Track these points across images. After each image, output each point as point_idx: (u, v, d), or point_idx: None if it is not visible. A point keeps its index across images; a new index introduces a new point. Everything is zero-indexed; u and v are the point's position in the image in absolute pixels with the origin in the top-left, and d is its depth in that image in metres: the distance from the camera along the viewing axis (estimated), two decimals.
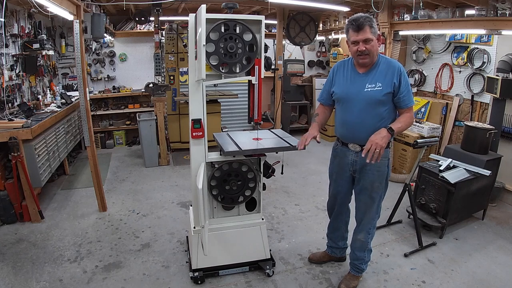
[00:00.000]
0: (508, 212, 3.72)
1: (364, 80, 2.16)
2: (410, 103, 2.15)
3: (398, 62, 2.17)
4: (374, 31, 2.06)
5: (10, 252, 2.91)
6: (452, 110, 4.57)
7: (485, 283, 2.59)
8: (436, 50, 4.79)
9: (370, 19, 2.06)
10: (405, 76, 2.12)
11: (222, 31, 2.16)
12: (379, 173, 2.26)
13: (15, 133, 3.13)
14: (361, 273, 2.54)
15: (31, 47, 4.07)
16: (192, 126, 2.31)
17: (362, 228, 2.42)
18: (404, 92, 2.11)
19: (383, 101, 2.12)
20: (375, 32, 2.07)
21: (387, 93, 2.11)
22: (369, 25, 2.04)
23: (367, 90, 2.13)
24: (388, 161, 2.27)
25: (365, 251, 2.46)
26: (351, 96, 2.20)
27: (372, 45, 2.06)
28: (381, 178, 2.28)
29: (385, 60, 2.17)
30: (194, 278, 2.51)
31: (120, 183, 4.46)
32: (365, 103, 2.14)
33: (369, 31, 2.04)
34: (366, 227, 2.40)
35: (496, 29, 3.22)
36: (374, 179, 2.27)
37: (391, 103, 2.16)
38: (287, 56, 6.92)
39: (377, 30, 2.08)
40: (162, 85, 5.06)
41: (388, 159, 2.27)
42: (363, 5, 4.73)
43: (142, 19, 5.55)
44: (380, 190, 2.31)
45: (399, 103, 2.14)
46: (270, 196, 4.05)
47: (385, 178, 2.30)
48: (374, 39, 2.06)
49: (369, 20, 2.05)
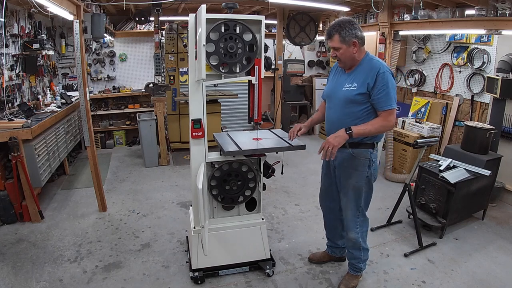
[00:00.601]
0: (508, 212, 3.72)
1: (346, 79, 2.22)
2: (385, 106, 2.09)
3: (385, 65, 2.14)
4: (344, 39, 2.08)
5: (10, 252, 2.91)
6: (452, 110, 4.57)
7: (485, 283, 2.59)
8: (436, 50, 4.79)
9: (340, 27, 2.08)
10: (384, 79, 2.07)
11: (222, 31, 2.16)
12: (357, 173, 2.26)
13: (15, 133, 3.13)
14: (359, 272, 2.54)
15: (31, 47, 4.07)
16: (192, 126, 2.31)
17: (347, 227, 2.44)
18: (379, 94, 2.08)
19: (356, 101, 2.15)
20: (345, 40, 2.08)
21: (360, 94, 2.12)
22: (338, 33, 2.09)
23: (344, 90, 2.20)
24: (369, 162, 2.24)
25: (360, 250, 2.45)
26: (332, 95, 2.31)
27: (341, 52, 2.13)
28: (358, 178, 2.26)
29: (369, 61, 2.16)
30: (194, 278, 2.51)
31: (120, 183, 4.46)
32: (342, 101, 2.21)
33: (337, 40, 2.10)
34: (351, 226, 2.39)
35: (496, 29, 3.22)
36: (350, 178, 2.29)
37: (369, 104, 2.15)
38: (287, 56, 6.91)
39: (350, 37, 2.08)
40: (162, 85, 5.06)
41: (369, 159, 2.23)
42: (363, 5, 4.73)
43: (142, 19, 5.55)
44: (358, 190, 2.29)
45: (374, 105, 2.13)
46: (270, 196, 4.05)
47: (365, 178, 2.27)
48: (343, 47, 2.11)
49: (338, 29, 2.08)
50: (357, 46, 2.11)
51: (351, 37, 2.08)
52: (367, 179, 2.28)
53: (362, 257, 2.48)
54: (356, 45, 2.10)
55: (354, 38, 2.09)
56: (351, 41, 2.09)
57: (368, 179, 2.28)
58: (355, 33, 2.09)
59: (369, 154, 2.23)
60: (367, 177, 2.27)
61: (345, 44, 2.10)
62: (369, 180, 2.29)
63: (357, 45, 2.10)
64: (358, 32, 2.10)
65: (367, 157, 2.23)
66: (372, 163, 2.26)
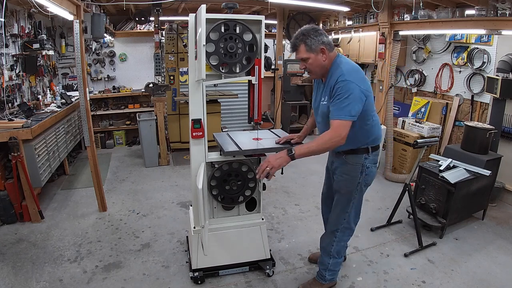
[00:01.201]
0: (508, 212, 3.72)
1: (322, 92, 2.14)
2: (336, 116, 1.91)
3: (349, 71, 1.96)
4: (311, 48, 1.98)
5: (10, 252, 2.91)
6: (452, 110, 4.57)
7: (485, 283, 2.59)
8: (436, 50, 4.79)
9: (304, 36, 1.97)
10: (340, 87, 1.92)
11: (222, 31, 2.16)
12: (348, 177, 2.20)
13: (15, 133, 3.13)
14: (324, 281, 2.43)
15: (31, 47, 4.07)
16: (192, 126, 2.31)
17: (328, 227, 2.40)
18: (333, 103, 1.95)
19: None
20: (312, 48, 1.98)
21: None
22: (303, 43, 1.99)
23: (321, 104, 2.13)
24: (362, 168, 2.16)
25: (330, 257, 2.36)
26: (315, 109, 2.25)
27: (310, 62, 2.03)
28: (349, 183, 2.20)
29: (336, 68, 2.02)
30: (194, 278, 2.51)
31: (120, 183, 4.46)
32: (323, 115, 2.12)
33: (304, 49, 2.00)
34: (332, 228, 2.34)
35: (496, 29, 3.22)
36: (341, 182, 2.24)
37: None
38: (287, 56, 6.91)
39: (317, 44, 1.97)
40: (162, 85, 5.06)
41: (362, 165, 2.15)
42: (363, 5, 4.73)
43: (142, 19, 5.55)
44: (347, 196, 2.23)
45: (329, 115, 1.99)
46: (270, 196, 4.05)
47: (356, 184, 2.19)
48: (311, 56, 2.00)
49: (303, 38, 1.98)
50: (326, 52, 2.00)
51: (318, 44, 1.98)
52: (358, 185, 2.20)
53: (329, 265, 2.37)
54: (325, 51, 1.99)
55: (321, 45, 1.98)
56: (318, 48, 1.98)
57: (359, 185, 2.20)
58: (322, 39, 1.98)
59: (363, 160, 2.15)
60: (359, 183, 2.19)
61: (312, 52, 1.99)
62: (359, 187, 2.21)
63: (325, 51, 1.99)
64: (324, 38, 1.99)
65: (359, 163, 2.15)
66: (366, 169, 2.17)
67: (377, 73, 4.66)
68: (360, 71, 2.04)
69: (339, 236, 2.33)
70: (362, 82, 1.97)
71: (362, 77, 2.00)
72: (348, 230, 2.34)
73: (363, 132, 2.12)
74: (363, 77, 2.01)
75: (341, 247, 2.37)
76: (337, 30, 6.00)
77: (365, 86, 1.99)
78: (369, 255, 2.93)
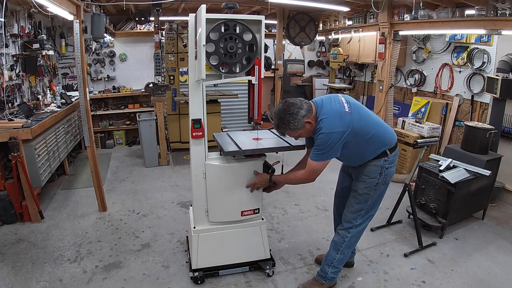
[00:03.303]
0: (508, 212, 3.72)
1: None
2: (314, 157, 2.09)
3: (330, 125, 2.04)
4: (297, 127, 2.07)
5: (10, 252, 2.91)
6: (452, 110, 4.57)
7: (485, 283, 2.59)
8: (436, 50, 4.79)
9: (287, 123, 2.06)
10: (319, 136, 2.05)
11: (222, 31, 2.16)
12: (368, 178, 2.24)
13: (15, 133, 3.13)
14: (325, 280, 2.45)
15: (31, 47, 4.07)
16: (192, 126, 2.31)
17: (342, 223, 2.43)
18: (314, 147, 2.11)
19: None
20: (298, 127, 2.07)
21: None
22: (288, 129, 2.10)
23: None
24: (381, 169, 2.22)
25: (337, 251, 2.39)
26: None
27: (301, 134, 2.16)
28: (368, 185, 2.25)
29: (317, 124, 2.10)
30: (194, 278, 2.51)
31: (120, 183, 4.46)
32: None
33: (292, 132, 2.13)
34: (346, 224, 2.38)
35: (496, 29, 3.22)
36: (360, 184, 2.29)
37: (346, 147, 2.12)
38: (287, 56, 6.91)
39: (300, 122, 2.05)
40: (162, 85, 5.06)
41: (381, 167, 2.22)
42: (363, 5, 4.73)
43: (142, 19, 5.55)
44: (365, 196, 2.28)
45: None
46: (270, 196, 4.03)
47: (375, 185, 2.25)
48: (301, 132, 2.13)
49: (285, 126, 2.08)
50: (311, 120, 2.08)
51: (301, 122, 2.06)
52: (377, 185, 2.26)
53: (334, 261, 2.40)
54: (310, 121, 2.08)
55: (304, 119, 2.06)
56: (303, 124, 2.07)
57: (378, 185, 2.26)
58: (301, 115, 2.05)
59: (382, 163, 2.21)
60: (378, 183, 2.25)
61: (300, 129, 2.10)
62: (378, 187, 2.27)
63: (310, 120, 2.08)
64: (302, 112, 2.05)
65: (378, 165, 2.21)
66: (385, 170, 2.23)
67: (377, 73, 4.66)
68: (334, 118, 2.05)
69: (353, 232, 2.37)
70: (342, 125, 2.04)
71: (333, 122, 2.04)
72: (361, 226, 2.38)
73: (372, 144, 2.17)
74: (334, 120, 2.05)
75: (352, 243, 2.41)
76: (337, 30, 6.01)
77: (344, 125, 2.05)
78: (369, 255, 2.93)
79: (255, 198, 2.53)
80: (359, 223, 2.35)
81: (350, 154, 2.21)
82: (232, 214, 2.52)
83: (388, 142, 2.23)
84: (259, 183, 2.42)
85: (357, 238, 2.43)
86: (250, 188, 2.45)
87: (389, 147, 2.22)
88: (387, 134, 2.24)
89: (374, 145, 2.18)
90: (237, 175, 2.44)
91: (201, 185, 2.43)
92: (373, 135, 2.15)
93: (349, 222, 2.36)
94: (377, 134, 2.17)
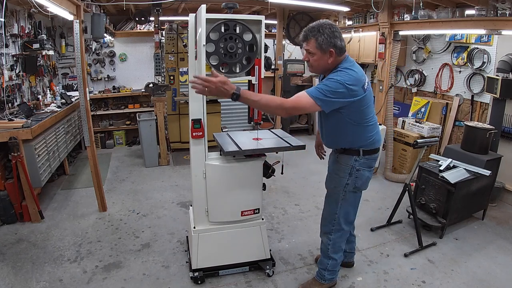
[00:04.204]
0: (508, 212, 3.72)
1: None
2: (311, 92, 1.88)
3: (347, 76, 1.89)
4: (321, 46, 1.92)
5: (10, 252, 2.91)
6: (452, 110, 4.57)
7: (485, 283, 2.59)
8: (436, 50, 4.79)
9: (319, 32, 1.91)
10: (330, 80, 1.89)
11: (222, 31, 2.16)
12: (336, 177, 2.21)
13: (15, 133, 3.13)
14: (324, 280, 2.44)
15: (31, 47, 4.06)
16: (192, 126, 2.31)
17: (321, 226, 2.43)
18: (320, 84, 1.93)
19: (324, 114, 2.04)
20: (322, 47, 1.92)
21: None
22: (315, 38, 1.92)
23: None
24: (351, 169, 2.14)
25: (328, 258, 2.37)
26: None
27: (314, 59, 1.98)
28: (337, 183, 2.21)
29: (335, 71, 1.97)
30: (194, 278, 2.51)
31: (120, 183, 4.46)
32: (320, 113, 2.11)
33: (313, 45, 1.94)
34: (324, 229, 2.37)
35: (496, 29, 3.22)
36: (329, 181, 2.29)
37: (339, 113, 1.99)
38: (287, 56, 6.91)
39: (328, 45, 1.91)
40: (162, 85, 5.06)
41: (351, 167, 2.14)
42: (363, 5, 4.73)
43: (142, 19, 5.55)
44: (334, 196, 2.24)
45: None
46: (270, 196, 4.05)
47: (344, 185, 2.17)
48: (317, 53, 1.95)
49: (316, 33, 1.92)
50: (333, 56, 1.95)
51: (328, 45, 1.92)
52: (346, 186, 2.18)
53: (328, 266, 2.39)
54: (333, 55, 1.94)
55: (331, 47, 1.92)
56: (328, 50, 1.93)
57: (348, 187, 2.18)
58: (334, 42, 1.92)
59: (352, 162, 2.14)
60: (347, 185, 2.17)
61: (320, 51, 1.94)
62: (348, 189, 2.18)
63: (333, 55, 1.94)
64: (338, 42, 1.93)
65: (348, 164, 2.15)
66: (356, 171, 2.14)
67: (377, 73, 4.66)
68: (358, 80, 1.93)
69: (333, 238, 2.34)
70: (354, 90, 1.90)
71: (357, 83, 1.92)
72: (340, 231, 2.32)
73: (358, 133, 2.09)
74: (358, 83, 1.93)
75: (337, 248, 2.36)
76: None
77: (356, 94, 1.91)
78: (369, 255, 2.93)
79: (255, 198, 2.53)
80: (336, 228, 2.31)
81: (331, 127, 2.13)
82: (232, 214, 2.52)
83: (371, 143, 2.14)
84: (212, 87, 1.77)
85: (340, 242, 2.37)
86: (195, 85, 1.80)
87: (365, 148, 2.13)
88: (375, 136, 2.14)
89: (355, 135, 2.09)
90: (237, 175, 2.44)
91: (201, 185, 2.43)
92: (365, 125, 2.07)
93: (326, 226, 2.35)
94: (368, 127, 2.09)
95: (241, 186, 2.46)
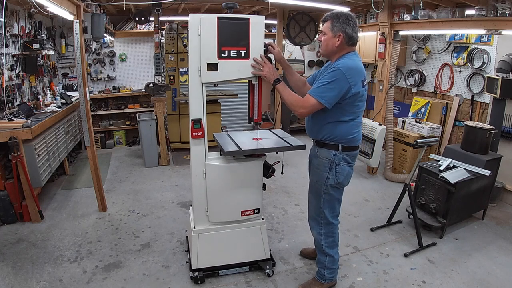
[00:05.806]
0: (508, 212, 3.72)
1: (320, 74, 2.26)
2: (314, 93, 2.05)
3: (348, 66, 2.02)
4: (333, 28, 2.06)
5: (10, 252, 2.91)
6: (452, 110, 4.57)
7: (485, 283, 2.59)
8: (436, 50, 4.79)
9: (336, 17, 2.05)
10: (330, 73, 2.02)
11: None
12: (318, 171, 2.26)
13: (15, 133, 3.13)
14: (323, 280, 2.45)
15: (31, 47, 4.06)
16: (192, 126, 2.31)
17: (310, 223, 2.45)
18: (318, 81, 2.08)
19: None
20: (333, 29, 2.06)
21: None
22: (331, 20, 2.08)
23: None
24: (331, 164, 2.18)
25: (325, 255, 2.39)
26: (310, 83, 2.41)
27: (324, 38, 2.12)
28: (318, 177, 2.26)
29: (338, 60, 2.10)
30: (194, 278, 2.51)
31: (120, 183, 4.46)
32: None
33: (327, 26, 2.09)
34: (313, 224, 2.41)
35: (496, 29, 3.22)
36: (313, 175, 2.33)
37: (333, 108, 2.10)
38: (287, 56, 6.91)
39: (339, 29, 2.04)
40: (162, 85, 5.05)
41: (331, 161, 2.18)
42: (363, 5, 4.73)
43: (142, 19, 5.55)
44: (316, 190, 2.30)
45: None
46: (270, 196, 4.05)
47: (325, 180, 2.21)
48: (328, 34, 2.09)
49: (333, 17, 2.07)
50: (341, 40, 2.06)
51: (339, 29, 2.05)
52: (327, 180, 2.21)
53: (326, 263, 2.40)
54: (341, 39, 2.06)
55: (341, 32, 2.05)
56: (337, 33, 2.06)
57: (329, 181, 2.21)
58: (345, 29, 2.05)
59: (332, 156, 2.18)
60: (328, 179, 2.21)
61: (331, 32, 2.08)
62: (329, 183, 2.21)
63: (341, 39, 2.06)
64: (349, 30, 2.05)
65: (328, 158, 2.19)
66: (336, 166, 2.19)
67: (377, 73, 4.66)
68: (358, 71, 2.06)
69: (324, 233, 2.36)
70: (353, 77, 2.01)
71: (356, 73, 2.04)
72: (330, 225, 2.35)
73: (340, 127, 2.14)
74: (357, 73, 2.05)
75: (330, 242, 2.38)
76: None
77: (354, 81, 2.02)
78: (369, 255, 2.93)
79: (255, 198, 2.53)
80: (324, 222, 2.33)
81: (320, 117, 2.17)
82: (232, 214, 2.52)
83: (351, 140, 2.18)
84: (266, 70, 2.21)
85: (332, 236, 2.38)
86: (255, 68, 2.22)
87: (344, 144, 2.17)
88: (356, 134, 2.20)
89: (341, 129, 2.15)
90: (237, 175, 2.44)
91: (201, 185, 2.43)
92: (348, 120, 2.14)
93: (313, 221, 2.39)
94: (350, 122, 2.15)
95: (241, 186, 2.46)
